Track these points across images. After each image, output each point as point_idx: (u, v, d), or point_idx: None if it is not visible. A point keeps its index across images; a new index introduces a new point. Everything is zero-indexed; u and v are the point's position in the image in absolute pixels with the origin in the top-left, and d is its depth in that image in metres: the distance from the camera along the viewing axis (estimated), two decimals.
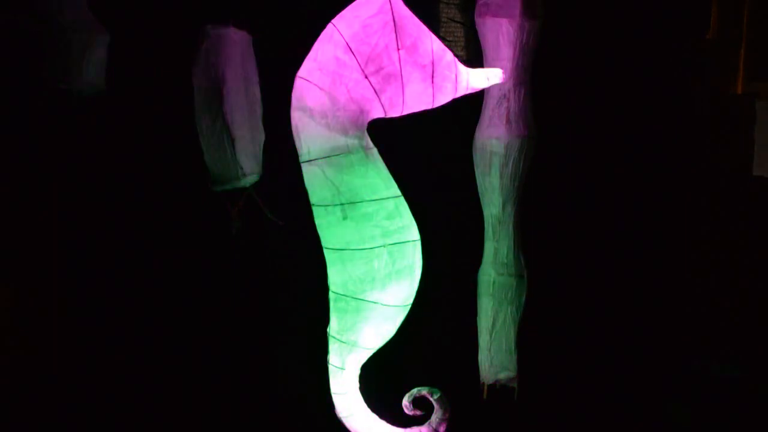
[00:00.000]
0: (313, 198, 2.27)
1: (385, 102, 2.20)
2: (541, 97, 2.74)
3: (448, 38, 2.83)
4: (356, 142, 2.21)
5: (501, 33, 2.59)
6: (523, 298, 2.74)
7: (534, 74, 2.69)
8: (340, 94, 2.17)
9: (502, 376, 2.76)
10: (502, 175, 2.67)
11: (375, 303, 2.28)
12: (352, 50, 2.16)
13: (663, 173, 3.02)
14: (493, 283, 2.72)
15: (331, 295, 2.33)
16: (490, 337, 2.74)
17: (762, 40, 2.95)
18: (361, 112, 2.20)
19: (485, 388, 2.76)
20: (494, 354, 2.74)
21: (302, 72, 2.22)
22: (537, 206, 2.84)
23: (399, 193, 2.28)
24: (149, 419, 2.83)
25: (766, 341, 2.88)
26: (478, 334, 2.78)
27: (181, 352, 2.91)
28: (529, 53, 2.64)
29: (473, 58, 2.80)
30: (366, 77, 2.16)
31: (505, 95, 2.64)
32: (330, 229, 2.26)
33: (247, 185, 2.74)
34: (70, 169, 2.84)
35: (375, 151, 2.26)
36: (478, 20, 2.66)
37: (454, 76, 2.24)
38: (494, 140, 2.66)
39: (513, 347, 2.75)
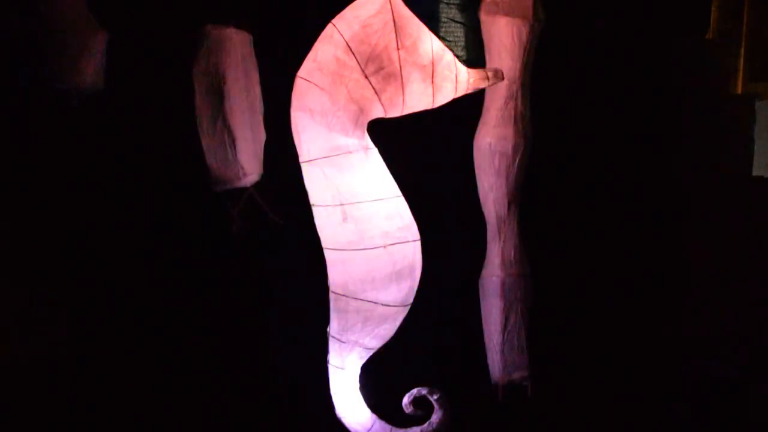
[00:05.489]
0: (313, 198, 2.27)
1: (385, 102, 2.20)
2: (542, 97, 2.74)
3: (448, 38, 2.83)
4: (356, 142, 2.21)
5: (512, 33, 2.59)
6: (530, 296, 2.75)
7: (535, 74, 2.70)
8: (340, 94, 2.17)
9: (516, 375, 2.76)
10: (508, 176, 2.67)
11: (375, 303, 2.28)
12: (352, 50, 2.16)
13: (663, 173, 3.02)
14: (503, 283, 2.71)
15: (331, 295, 2.33)
16: (503, 337, 2.73)
17: (762, 40, 2.96)
18: (361, 112, 2.20)
19: (500, 389, 2.76)
20: (507, 354, 2.74)
21: (302, 72, 2.22)
22: (539, 205, 2.84)
23: (399, 193, 2.28)
24: (149, 419, 2.83)
25: (766, 341, 2.88)
26: (486, 336, 2.78)
27: (181, 352, 2.90)
28: (534, 53, 2.65)
29: (473, 58, 2.81)
30: (366, 77, 2.16)
31: (512, 95, 2.64)
32: (330, 230, 2.26)
33: (248, 185, 2.74)
34: (70, 169, 2.84)
35: (375, 151, 2.26)
36: (485, 19, 2.64)
37: (454, 76, 2.24)
38: (501, 140, 2.66)
39: (525, 346, 2.75)
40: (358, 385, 2.43)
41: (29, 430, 2.75)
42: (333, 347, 2.39)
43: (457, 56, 2.29)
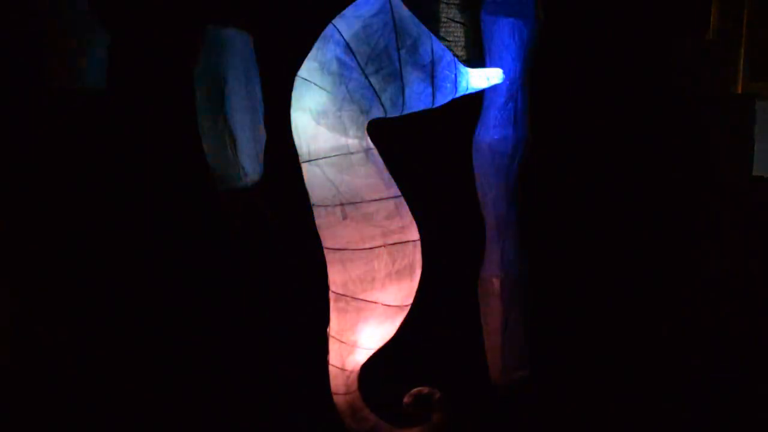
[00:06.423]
0: (313, 198, 2.27)
1: (385, 102, 2.20)
2: (542, 97, 2.75)
3: (448, 38, 2.84)
4: (356, 142, 2.21)
5: (514, 33, 2.59)
6: (529, 296, 2.75)
7: (535, 74, 2.70)
8: (340, 94, 2.18)
9: (516, 375, 2.76)
10: (508, 176, 2.68)
11: (375, 303, 2.28)
12: (352, 50, 2.16)
13: (663, 173, 3.02)
14: (502, 283, 2.72)
15: (331, 295, 2.33)
16: (503, 338, 2.73)
17: (762, 40, 2.96)
18: (361, 112, 2.20)
19: (500, 389, 2.76)
20: (507, 354, 2.74)
21: (302, 72, 2.22)
22: (538, 205, 2.85)
23: (399, 193, 2.28)
24: (149, 419, 2.83)
25: (766, 341, 2.88)
26: (486, 336, 2.78)
27: (181, 353, 2.91)
28: (534, 53, 2.65)
29: (473, 58, 2.81)
30: (366, 77, 2.16)
31: (512, 95, 2.64)
32: (330, 229, 2.27)
33: (249, 186, 2.74)
34: (70, 169, 2.84)
35: (375, 151, 2.26)
36: (486, 18, 2.65)
37: (454, 76, 2.25)
38: (500, 141, 2.66)
39: (525, 346, 2.75)
40: (358, 385, 2.43)
41: (29, 430, 2.76)
42: (333, 347, 2.39)
43: (457, 56, 2.29)
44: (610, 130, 2.98)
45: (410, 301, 2.33)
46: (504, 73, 2.43)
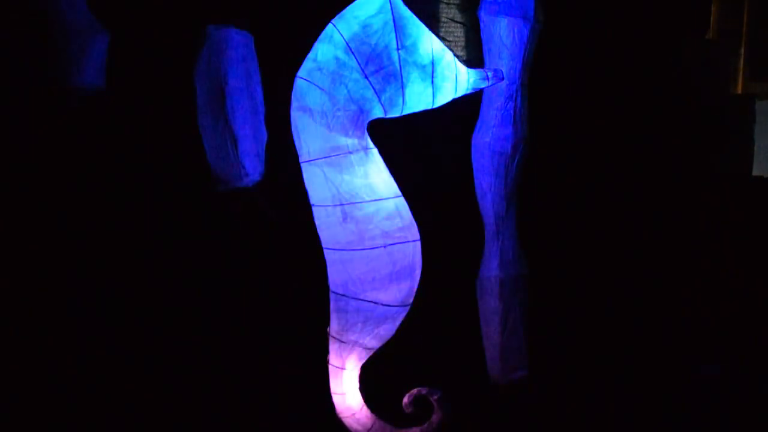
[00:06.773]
0: (313, 198, 2.27)
1: (385, 102, 2.20)
2: (542, 97, 2.75)
3: (448, 38, 2.84)
4: (356, 142, 2.21)
5: (513, 33, 2.59)
6: (528, 296, 2.75)
7: (534, 74, 2.70)
8: (340, 94, 2.18)
9: (516, 375, 2.76)
10: (507, 175, 2.68)
11: (375, 303, 2.28)
12: (352, 50, 2.16)
13: (663, 173, 3.02)
14: (501, 283, 2.71)
15: (331, 295, 2.33)
16: (502, 338, 2.73)
17: (762, 40, 2.96)
18: (361, 112, 2.20)
19: (500, 389, 2.76)
20: (507, 355, 2.74)
21: (302, 72, 2.22)
22: (537, 205, 2.84)
23: (399, 193, 2.28)
24: (148, 419, 2.83)
25: (765, 341, 2.88)
26: (485, 336, 2.78)
27: (181, 352, 2.91)
28: (534, 53, 2.66)
29: (473, 58, 2.81)
30: (366, 77, 2.16)
31: (511, 96, 2.65)
32: (330, 230, 2.27)
33: (250, 185, 2.74)
34: (70, 169, 2.84)
35: (375, 151, 2.26)
36: (486, 18, 2.65)
37: (454, 76, 2.25)
38: (500, 140, 2.66)
39: (524, 346, 2.75)
40: (358, 385, 2.43)
41: (29, 430, 2.76)
42: (333, 347, 2.39)
43: (457, 56, 2.29)
44: (609, 130, 2.98)
45: (410, 301, 2.33)
46: (503, 73, 2.43)
